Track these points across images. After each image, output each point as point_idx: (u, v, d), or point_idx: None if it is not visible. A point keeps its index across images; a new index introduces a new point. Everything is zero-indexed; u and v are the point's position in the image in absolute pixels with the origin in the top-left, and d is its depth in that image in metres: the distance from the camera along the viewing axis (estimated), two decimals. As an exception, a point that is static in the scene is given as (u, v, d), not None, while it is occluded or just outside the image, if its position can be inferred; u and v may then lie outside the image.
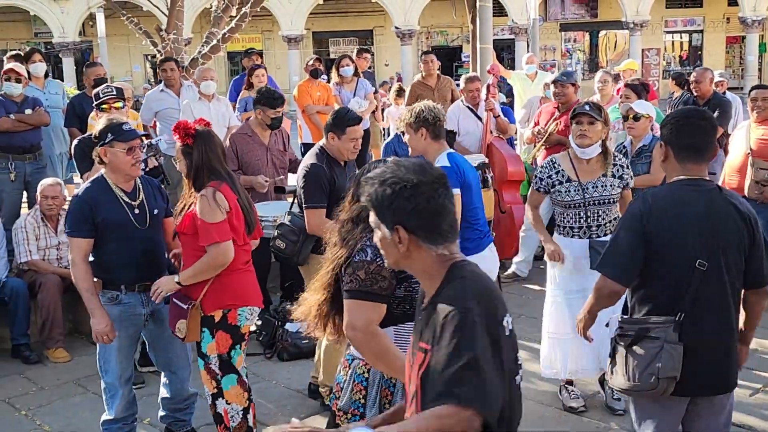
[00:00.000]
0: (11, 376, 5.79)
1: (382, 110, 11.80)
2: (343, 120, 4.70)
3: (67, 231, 4.15)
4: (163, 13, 10.97)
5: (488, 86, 7.71)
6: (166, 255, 4.43)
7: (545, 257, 4.97)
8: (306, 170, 4.73)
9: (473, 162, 5.52)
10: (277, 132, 6.47)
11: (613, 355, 3.34)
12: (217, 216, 3.83)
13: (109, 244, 4.12)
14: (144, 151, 4.24)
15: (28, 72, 8.11)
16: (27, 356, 6.02)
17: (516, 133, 8.96)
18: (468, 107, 7.84)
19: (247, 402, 4.14)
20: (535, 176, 5.02)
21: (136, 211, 4.15)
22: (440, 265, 2.17)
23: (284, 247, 4.83)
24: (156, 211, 4.27)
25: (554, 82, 7.30)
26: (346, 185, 4.67)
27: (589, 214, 4.77)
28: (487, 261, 4.70)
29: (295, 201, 4.99)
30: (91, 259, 4.15)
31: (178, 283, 3.97)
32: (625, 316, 3.36)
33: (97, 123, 4.48)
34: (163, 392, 4.54)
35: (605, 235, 4.72)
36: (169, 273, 4.30)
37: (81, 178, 5.27)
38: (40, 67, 8.31)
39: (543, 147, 7.32)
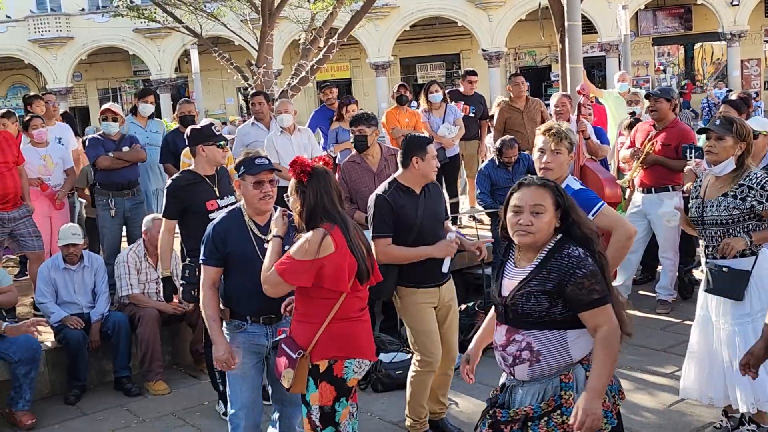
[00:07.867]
0: (114, 409, 5.92)
1: None
2: (422, 141, 4.72)
3: (201, 259, 4.21)
4: (253, 47, 11.22)
5: (579, 106, 7.52)
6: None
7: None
8: (371, 201, 4.76)
9: None
10: (389, 157, 6.37)
11: None
12: (306, 256, 3.67)
13: (237, 275, 4.16)
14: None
15: (136, 108, 8.42)
16: (129, 389, 6.16)
17: (609, 154, 8.71)
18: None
19: None
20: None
21: (265, 245, 4.08)
22: None
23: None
24: (287, 248, 4.10)
25: (646, 96, 7.08)
26: (417, 212, 4.65)
27: (705, 233, 4.52)
28: None
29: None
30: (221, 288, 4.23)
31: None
32: None
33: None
34: (271, 429, 4.47)
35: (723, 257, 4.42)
36: None
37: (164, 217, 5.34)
38: (148, 109, 8.53)
39: (640, 168, 7.07)
